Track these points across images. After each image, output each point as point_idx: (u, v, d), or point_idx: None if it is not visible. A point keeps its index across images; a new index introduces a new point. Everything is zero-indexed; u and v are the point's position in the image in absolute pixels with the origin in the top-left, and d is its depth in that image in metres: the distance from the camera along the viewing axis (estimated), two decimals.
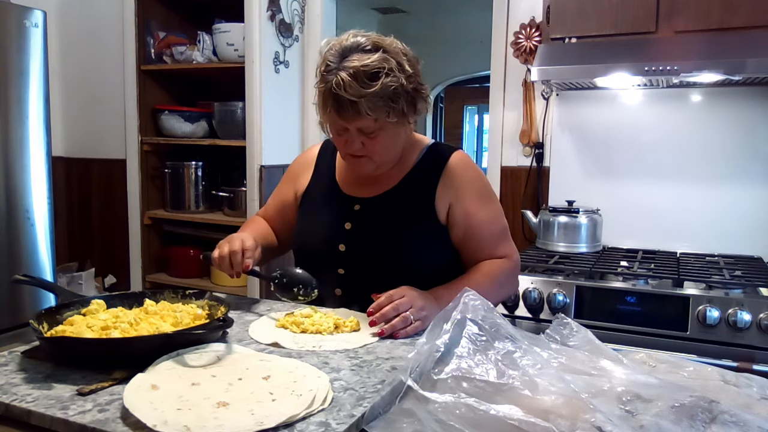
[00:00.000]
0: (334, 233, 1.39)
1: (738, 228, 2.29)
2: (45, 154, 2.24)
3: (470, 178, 1.37)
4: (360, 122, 1.23)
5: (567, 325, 0.94)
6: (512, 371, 0.76)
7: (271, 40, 2.71)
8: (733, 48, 1.92)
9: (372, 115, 1.20)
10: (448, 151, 1.40)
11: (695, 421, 0.70)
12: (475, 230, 1.35)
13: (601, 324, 1.88)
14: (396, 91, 1.21)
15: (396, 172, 1.39)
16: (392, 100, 1.21)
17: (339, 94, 1.19)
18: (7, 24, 2.10)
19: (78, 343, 0.96)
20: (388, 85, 1.19)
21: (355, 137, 1.26)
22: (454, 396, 0.72)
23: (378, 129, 1.25)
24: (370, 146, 1.27)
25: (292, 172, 1.56)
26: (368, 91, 1.18)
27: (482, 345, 0.80)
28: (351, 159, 1.33)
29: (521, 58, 2.53)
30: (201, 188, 2.96)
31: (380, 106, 1.20)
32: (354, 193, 1.41)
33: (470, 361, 0.77)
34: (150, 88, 2.95)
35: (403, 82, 1.22)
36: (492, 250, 1.37)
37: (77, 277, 3.01)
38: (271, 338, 1.09)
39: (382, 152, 1.31)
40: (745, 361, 1.71)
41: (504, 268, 1.37)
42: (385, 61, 1.20)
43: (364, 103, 1.19)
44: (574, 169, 2.51)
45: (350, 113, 1.21)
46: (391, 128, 1.27)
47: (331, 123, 1.28)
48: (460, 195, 1.35)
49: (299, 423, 0.76)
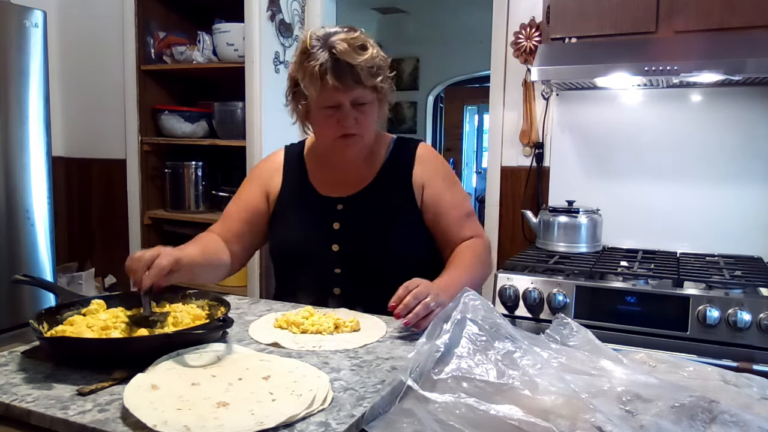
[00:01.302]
0: (325, 234, 1.40)
1: (738, 228, 2.28)
2: (45, 154, 2.24)
3: (437, 165, 1.48)
4: (355, 91, 1.29)
5: (567, 325, 0.94)
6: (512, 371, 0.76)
7: (271, 40, 2.71)
8: (733, 48, 1.92)
9: (369, 82, 1.29)
10: (414, 142, 1.50)
11: (695, 421, 0.70)
12: (443, 212, 1.43)
13: (601, 324, 1.87)
14: (383, 63, 1.33)
15: (368, 168, 1.45)
16: (382, 70, 1.33)
17: (339, 60, 1.25)
18: (7, 24, 2.10)
19: (78, 343, 0.96)
20: (375, 55, 1.30)
21: (349, 112, 1.31)
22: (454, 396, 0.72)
23: (369, 103, 1.33)
24: (362, 121, 1.33)
25: (257, 177, 1.54)
26: (364, 57, 1.27)
27: (482, 345, 0.80)
28: (340, 141, 1.36)
29: (521, 58, 2.53)
30: (201, 188, 2.96)
31: (376, 73, 1.30)
32: (332, 193, 1.45)
33: (470, 361, 0.77)
34: (150, 88, 2.95)
35: (383, 57, 1.33)
36: (459, 230, 1.43)
37: (77, 277, 3.01)
38: (271, 338, 1.09)
39: (369, 128, 1.38)
40: (745, 361, 1.71)
41: (481, 246, 1.43)
42: (366, 38, 1.31)
43: (363, 67, 1.27)
44: (574, 169, 2.51)
45: (349, 81, 1.27)
46: (376, 106, 1.37)
47: (326, 100, 1.30)
48: (430, 179, 1.44)
49: (299, 423, 0.76)
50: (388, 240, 1.40)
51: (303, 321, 1.17)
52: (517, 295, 1.98)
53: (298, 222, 1.46)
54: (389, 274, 1.26)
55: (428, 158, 1.48)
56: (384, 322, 1.21)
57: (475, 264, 1.37)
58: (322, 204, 1.44)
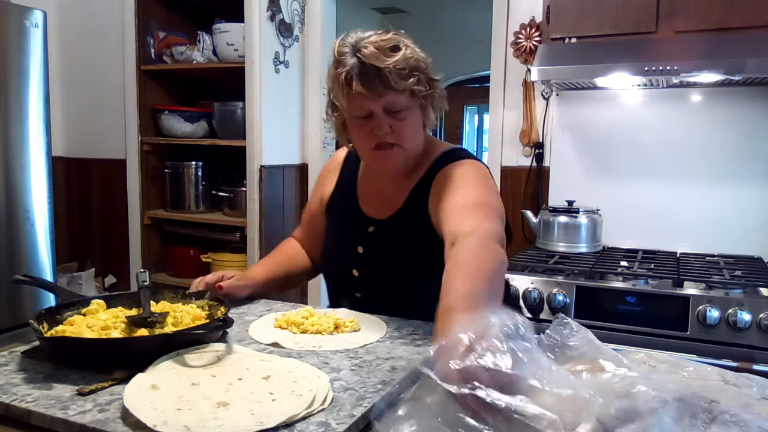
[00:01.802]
0: (348, 257, 1.37)
1: (738, 228, 2.29)
2: (45, 154, 2.24)
3: (453, 177, 1.25)
4: (388, 97, 1.19)
5: (567, 325, 0.94)
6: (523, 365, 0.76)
7: (271, 40, 2.71)
8: (733, 48, 1.92)
9: (399, 85, 1.18)
10: (450, 160, 1.30)
11: (696, 420, 0.70)
12: (444, 215, 1.18)
13: (601, 324, 1.88)
14: (418, 66, 1.20)
15: (405, 187, 1.33)
16: (416, 72, 1.20)
17: (366, 65, 1.16)
18: (7, 24, 2.10)
19: (78, 343, 0.96)
20: (409, 56, 1.19)
21: (383, 119, 1.22)
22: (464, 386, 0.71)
23: (406, 109, 1.22)
24: (399, 129, 1.23)
25: (318, 179, 1.55)
26: (393, 59, 1.17)
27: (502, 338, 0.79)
28: (378, 153, 1.26)
29: (521, 58, 2.53)
30: (201, 188, 2.96)
31: (407, 75, 1.18)
32: (369, 211, 1.38)
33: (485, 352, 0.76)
34: (150, 88, 2.95)
35: (421, 58, 1.22)
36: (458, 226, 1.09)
37: (77, 277, 3.01)
38: (271, 338, 1.09)
39: (409, 137, 1.26)
40: (745, 361, 1.71)
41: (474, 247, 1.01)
42: (401, 39, 1.21)
43: (392, 71, 1.17)
44: (574, 169, 2.51)
45: (378, 87, 1.17)
46: (417, 114, 1.25)
47: (356, 108, 1.22)
48: (440, 195, 1.23)
49: (299, 423, 0.76)
50: (404, 273, 1.30)
51: (303, 321, 1.17)
52: (517, 295, 1.98)
53: (333, 235, 1.45)
54: (409, 302, 1.23)
55: (444, 176, 1.26)
56: (384, 322, 1.21)
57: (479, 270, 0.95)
58: (357, 222, 1.38)
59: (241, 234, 2.79)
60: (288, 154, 2.89)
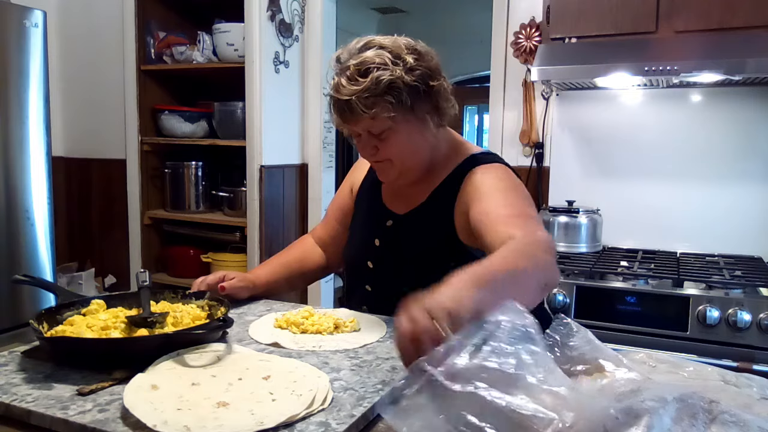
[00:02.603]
0: (365, 249, 1.38)
1: (738, 228, 2.28)
2: (45, 154, 2.24)
3: (483, 183, 1.22)
4: (362, 123, 1.18)
5: (567, 325, 0.94)
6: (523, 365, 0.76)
7: (271, 40, 2.71)
8: (733, 48, 1.92)
9: (368, 113, 1.14)
10: (480, 162, 1.27)
11: (696, 420, 0.70)
12: (484, 221, 1.13)
13: (601, 324, 1.88)
14: (393, 85, 1.14)
15: (428, 185, 1.31)
16: (389, 95, 1.14)
17: (335, 97, 1.17)
18: (7, 24, 2.10)
19: (78, 343, 0.96)
20: (379, 79, 1.13)
21: (367, 141, 1.22)
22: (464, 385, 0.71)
23: (387, 129, 1.18)
24: (384, 150, 1.22)
25: (350, 171, 1.54)
26: (357, 88, 1.13)
27: (499, 339, 0.79)
28: (375, 166, 1.30)
29: (521, 58, 2.53)
30: (201, 188, 2.96)
31: (374, 102, 1.14)
32: (391, 205, 1.38)
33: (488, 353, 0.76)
34: (150, 88, 2.95)
35: (401, 74, 1.14)
36: (504, 232, 1.06)
37: (77, 277, 3.01)
38: (271, 338, 1.09)
39: (399, 155, 1.23)
40: (745, 361, 1.71)
41: (525, 241, 1.02)
42: (377, 57, 1.15)
43: (356, 101, 1.13)
44: (574, 169, 2.51)
45: (348, 115, 1.17)
46: (404, 130, 1.20)
47: (345, 130, 1.25)
48: (472, 203, 1.19)
49: (299, 423, 0.76)
50: (417, 271, 1.26)
51: (303, 321, 1.17)
52: None
53: (356, 226, 1.45)
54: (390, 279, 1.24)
55: (475, 181, 1.23)
56: (384, 322, 1.21)
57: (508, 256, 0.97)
58: (378, 214, 1.38)
59: (241, 234, 2.79)
60: (288, 154, 2.89)
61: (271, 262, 1.50)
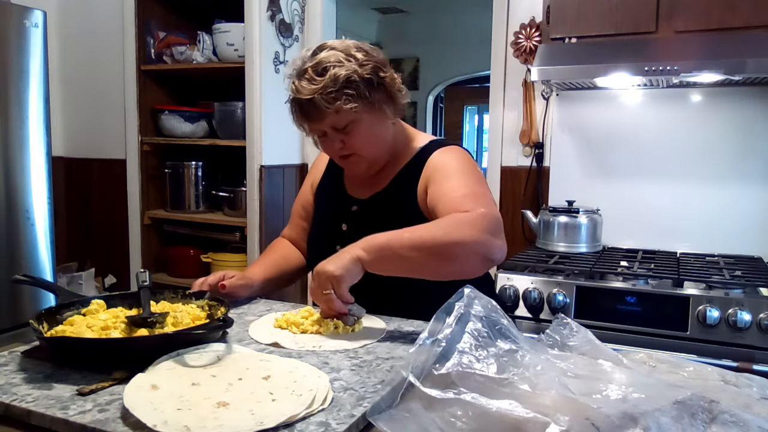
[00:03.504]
0: (332, 234, 1.41)
1: (738, 228, 2.29)
2: (45, 154, 2.24)
3: (445, 163, 1.32)
4: (327, 119, 1.25)
5: (567, 325, 0.94)
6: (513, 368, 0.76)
7: (271, 40, 2.71)
8: (733, 48, 1.92)
9: (331, 108, 1.22)
10: (436, 148, 1.37)
11: (696, 420, 0.70)
12: (438, 201, 1.25)
13: (601, 324, 1.88)
14: (350, 79, 1.22)
15: (389, 171, 1.40)
16: (348, 89, 1.22)
17: (297, 99, 1.24)
18: (7, 24, 2.10)
19: (78, 343, 0.96)
20: (337, 75, 1.21)
21: (333, 137, 1.29)
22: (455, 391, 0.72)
23: (350, 122, 1.26)
24: (350, 143, 1.29)
25: (311, 167, 1.60)
26: (318, 86, 1.21)
27: (484, 342, 0.80)
28: (342, 161, 1.36)
29: (521, 58, 2.53)
30: (201, 188, 2.96)
31: (335, 96, 1.22)
32: (354, 192, 1.44)
33: (471, 357, 0.77)
34: (150, 88, 2.95)
35: (356, 69, 1.23)
36: (452, 210, 1.20)
37: (77, 277, 3.01)
38: (271, 338, 1.09)
39: (365, 147, 1.31)
40: (745, 361, 1.71)
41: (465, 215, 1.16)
42: (331, 56, 1.23)
43: (318, 98, 1.21)
44: (574, 169, 2.51)
45: (313, 113, 1.24)
46: (366, 120, 1.27)
47: (309, 131, 1.31)
48: (432, 178, 1.30)
49: (299, 423, 0.76)
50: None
51: (303, 321, 1.17)
52: (517, 295, 1.98)
53: (318, 215, 1.50)
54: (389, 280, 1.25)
55: (435, 161, 1.33)
56: (384, 322, 1.21)
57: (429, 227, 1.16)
58: (342, 201, 1.44)
59: (241, 234, 2.79)
60: (288, 154, 2.89)
61: (262, 262, 1.52)
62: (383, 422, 0.73)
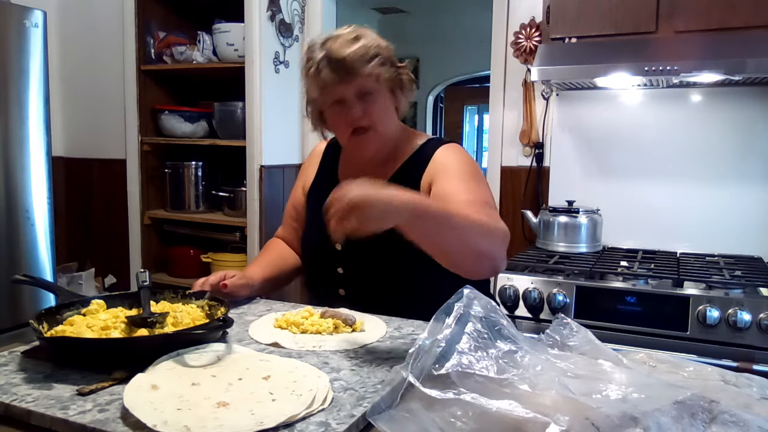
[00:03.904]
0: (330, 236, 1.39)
1: (738, 228, 2.28)
2: (45, 154, 2.24)
3: (449, 162, 1.34)
4: (357, 82, 1.28)
5: (567, 325, 0.94)
6: (513, 369, 0.76)
7: (271, 40, 2.71)
8: (733, 48, 1.92)
9: (364, 68, 1.27)
10: (438, 145, 1.39)
11: (696, 420, 0.70)
12: (446, 198, 1.25)
13: (601, 324, 1.88)
14: (380, 51, 1.30)
15: (389, 168, 1.40)
16: (379, 57, 1.29)
17: (331, 56, 1.26)
18: (7, 24, 2.10)
19: (78, 343, 0.96)
20: (369, 44, 1.28)
21: (355, 103, 1.30)
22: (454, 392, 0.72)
23: (375, 91, 1.30)
24: (370, 111, 1.30)
25: (301, 171, 1.61)
26: (355, 47, 1.27)
27: (483, 342, 0.80)
28: (354, 139, 1.34)
29: (521, 58, 2.53)
30: (201, 188, 2.96)
31: (369, 59, 1.27)
32: None
33: (471, 357, 0.77)
34: (150, 88, 2.95)
35: (383, 45, 1.31)
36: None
37: (77, 277, 3.01)
38: (271, 338, 1.09)
39: (382, 118, 1.33)
40: (745, 361, 1.71)
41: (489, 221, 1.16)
42: (361, 31, 1.31)
43: (354, 56, 1.26)
44: (574, 169, 2.51)
45: (342, 73, 1.27)
46: (386, 94, 1.33)
47: (328, 96, 1.31)
48: (437, 177, 1.32)
49: (299, 423, 0.76)
50: (388, 249, 1.29)
51: (303, 321, 1.17)
52: (517, 295, 1.98)
53: (314, 218, 1.47)
54: (392, 278, 1.25)
55: (442, 160, 1.35)
56: (384, 322, 1.21)
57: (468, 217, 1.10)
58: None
59: (241, 234, 2.79)
60: (288, 154, 2.89)
61: (260, 263, 1.52)
62: (383, 422, 0.73)
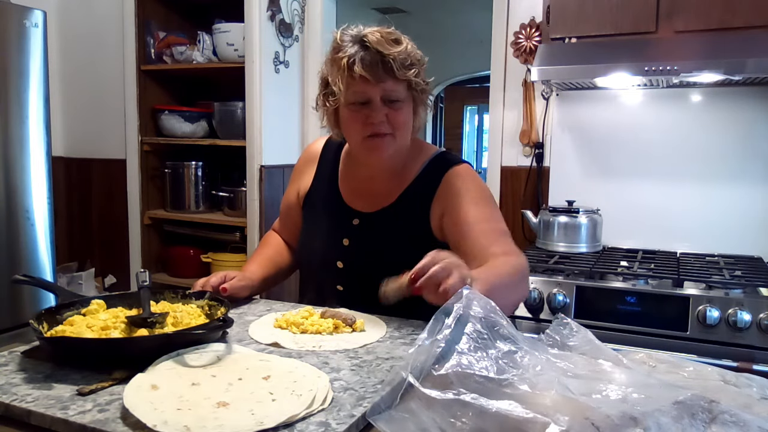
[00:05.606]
0: (333, 249, 1.37)
1: (738, 228, 2.29)
2: (45, 154, 2.24)
3: (464, 188, 1.30)
4: (388, 85, 1.21)
5: (567, 325, 0.94)
6: (513, 369, 0.76)
7: (271, 40, 2.71)
8: (733, 48, 1.92)
9: (401, 74, 1.20)
10: (449, 164, 1.33)
11: (696, 420, 0.70)
12: (466, 229, 1.25)
13: (601, 324, 1.88)
14: (417, 60, 1.24)
15: (396, 184, 1.35)
16: (417, 66, 1.23)
17: (370, 50, 1.18)
18: (7, 24, 2.10)
19: (78, 343, 0.96)
20: (410, 50, 1.22)
21: (379, 108, 1.22)
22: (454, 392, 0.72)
23: (402, 100, 1.24)
24: (394, 118, 1.24)
25: (296, 170, 1.55)
26: (397, 49, 1.20)
27: (483, 343, 0.80)
28: (369, 142, 1.26)
29: (521, 58, 2.53)
30: (201, 188, 2.96)
31: (408, 66, 1.21)
32: (354, 205, 1.38)
33: (471, 358, 0.77)
34: (150, 88, 2.95)
35: (419, 55, 1.25)
36: (488, 245, 1.21)
37: (77, 277, 3.01)
38: (271, 338, 1.09)
39: (403, 127, 1.27)
40: (745, 361, 1.71)
41: (516, 263, 1.20)
42: (402, 35, 1.24)
43: (396, 59, 1.19)
44: (574, 169, 2.51)
45: (379, 72, 1.19)
46: (410, 105, 1.27)
47: (354, 94, 1.22)
48: (453, 203, 1.28)
49: (299, 423, 0.76)
50: (392, 268, 1.22)
51: (303, 321, 1.17)
52: None
53: (313, 227, 1.44)
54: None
55: (455, 182, 1.30)
56: (384, 322, 1.21)
57: (507, 272, 1.15)
58: (340, 214, 1.38)
59: (241, 234, 2.79)
60: (288, 154, 2.89)
61: (258, 260, 1.50)
62: (383, 422, 0.73)
